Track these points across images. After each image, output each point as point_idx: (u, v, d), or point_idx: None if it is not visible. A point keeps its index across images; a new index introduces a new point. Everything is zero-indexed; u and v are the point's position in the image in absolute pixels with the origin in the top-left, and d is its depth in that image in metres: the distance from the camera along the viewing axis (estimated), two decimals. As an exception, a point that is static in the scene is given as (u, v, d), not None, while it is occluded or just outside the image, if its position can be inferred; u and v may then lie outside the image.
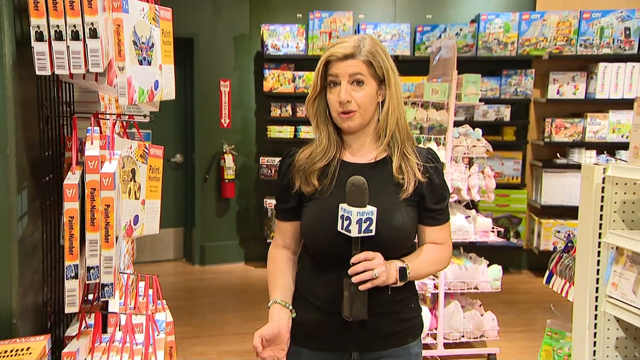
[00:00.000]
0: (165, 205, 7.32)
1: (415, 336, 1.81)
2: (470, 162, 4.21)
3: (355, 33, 6.32)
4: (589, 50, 6.08)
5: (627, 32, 6.02)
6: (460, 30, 6.27)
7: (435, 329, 4.12)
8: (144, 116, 4.03)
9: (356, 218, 1.51)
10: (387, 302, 1.71)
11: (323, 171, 1.74)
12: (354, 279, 1.53)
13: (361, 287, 1.53)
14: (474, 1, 6.55)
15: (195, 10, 6.28)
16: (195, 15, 6.28)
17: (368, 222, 1.53)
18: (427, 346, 4.13)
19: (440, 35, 6.21)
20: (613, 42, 6.03)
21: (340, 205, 1.57)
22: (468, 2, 6.56)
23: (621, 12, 6.00)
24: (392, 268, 1.61)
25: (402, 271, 1.63)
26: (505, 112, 6.33)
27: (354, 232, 1.52)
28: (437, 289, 4.10)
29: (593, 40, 6.04)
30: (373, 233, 1.56)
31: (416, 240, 1.85)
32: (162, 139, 6.47)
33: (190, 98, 6.54)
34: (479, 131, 4.35)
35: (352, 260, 1.55)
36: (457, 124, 4.37)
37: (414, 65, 6.28)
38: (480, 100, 5.24)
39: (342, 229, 1.56)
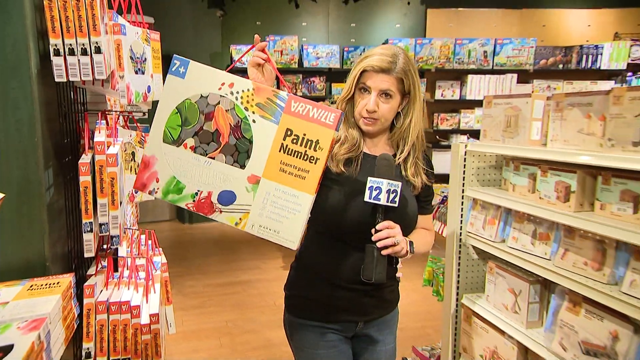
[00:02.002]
0: (161, 179, 7.12)
1: (398, 301, 1.62)
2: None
3: (301, 51, 6.29)
4: (461, 65, 6.25)
5: (485, 54, 6.23)
6: (374, 50, 6.33)
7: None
8: (143, 113, 3.93)
9: (386, 188, 1.27)
10: (392, 275, 1.51)
11: (348, 159, 1.45)
12: (379, 244, 1.28)
13: (383, 252, 1.28)
14: (384, 30, 6.62)
15: (180, 34, 6.14)
16: (180, 38, 6.14)
17: (394, 194, 1.28)
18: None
19: (360, 53, 6.24)
20: (476, 61, 6.24)
21: (370, 178, 1.30)
22: (380, 30, 6.62)
23: (481, 40, 6.21)
24: (405, 240, 1.35)
25: (411, 245, 1.38)
26: (406, 109, 6.46)
27: (383, 201, 1.27)
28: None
29: (464, 59, 6.21)
30: (397, 204, 1.30)
31: None
32: (157, 131, 6.37)
33: (178, 100, 6.41)
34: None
35: (378, 227, 1.30)
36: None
37: (342, 74, 6.32)
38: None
39: (369, 198, 1.29)
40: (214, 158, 1.21)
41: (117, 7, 1.94)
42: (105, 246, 2.21)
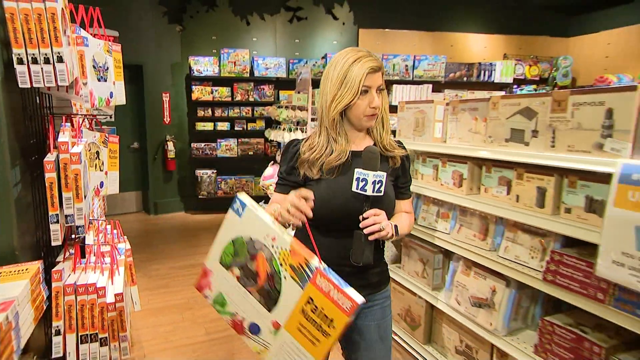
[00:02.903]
0: (128, 176, 6.85)
1: (388, 282, 1.46)
2: (320, 143, 4.33)
3: (252, 63, 6.22)
4: (387, 77, 6.35)
5: (407, 67, 6.38)
6: (315, 62, 6.35)
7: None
8: (110, 116, 3.75)
9: (372, 179, 1.17)
10: (375, 258, 1.35)
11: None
12: (366, 230, 1.19)
13: (370, 237, 1.20)
14: (323, 45, 6.66)
15: (144, 46, 5.89)
16: (144, 50, 5.89)
17: (379, 184, 1.19)
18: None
19: (304, 65, 6.26)
20: (400, 73, 6.38)
21: (356, 170, 1.20)
22: (320, 46, 6.66)
23: (403, 56, 6.36)
24: (390, 225, 1.24)
25: (396, 228, 1.27)
26: (342, 113, 6.53)
27: (369, 191, 1.18)
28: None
29: (389, 71, 6.32)
30: (382, 193, 1.21)
31: None
32: (124, 132, 6.14)
33: (142, 105, 6.13)
34: (325, 124, 4.48)
35: (365, 214, 1.20)
36: (314, 119, 4.47)
37: (287, 83, 6.32)
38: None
39: (357, 189, 1.20)
40: (251, 292, 1.17)
41: (80, 21, 1.86)
42: (73, 236, 2.13)
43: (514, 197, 1.42)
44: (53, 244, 1.58)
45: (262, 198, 5.84)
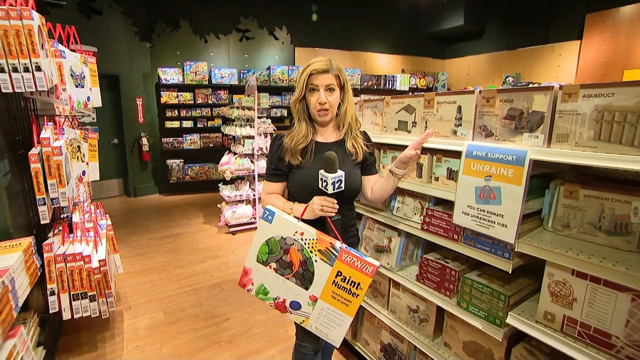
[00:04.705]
0: (111, 166, 6.37)
1: (356, 245, 1.45)
2: (266, 135, 4.31)
3: (210, 72, 5.94)
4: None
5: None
6: (261, 72, 6.22)
7: (254, 215, 4.25)
8: (92, 117, 3.41)
9: (331, 181, 1.13)
10: (349, 225, 1.38)
11: (304, 150, 1.26)
12: (322, 214, 1.17)
13: (328, 215, 1.17)
14: (267, 59, 6.52)
15: (119, 59, 5.40)
16: (120, 63, 5.41)
17: (339, 182, 1.15)
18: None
19: (251, 74, 6.09)
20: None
21: (320, 171, 1.17)
22: (264, 60, 6.51)
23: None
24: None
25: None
26: (284, 112, 6.46)
27: (330, 190, 1.14)
28: (255, 196, 4.22)
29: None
30: (343, 188, 1.17)
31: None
32: (105, 131, 5.67)
33: (119, 108, 5.64)
34: (269, 120, 4.43)
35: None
36: (260, 117, 4.41)
37: (239, 88, 6.13)
38: (272, 106, 5.29)
39: (321, 187, 1.17)
40: (288, 279, 1.17)
41: (58, 37, 1.72)
42: (63, 216, 1.98)
43: (402, 172, 1.54)
44: (42, 222, 1.48)
45: (220, 180, 5.69)
